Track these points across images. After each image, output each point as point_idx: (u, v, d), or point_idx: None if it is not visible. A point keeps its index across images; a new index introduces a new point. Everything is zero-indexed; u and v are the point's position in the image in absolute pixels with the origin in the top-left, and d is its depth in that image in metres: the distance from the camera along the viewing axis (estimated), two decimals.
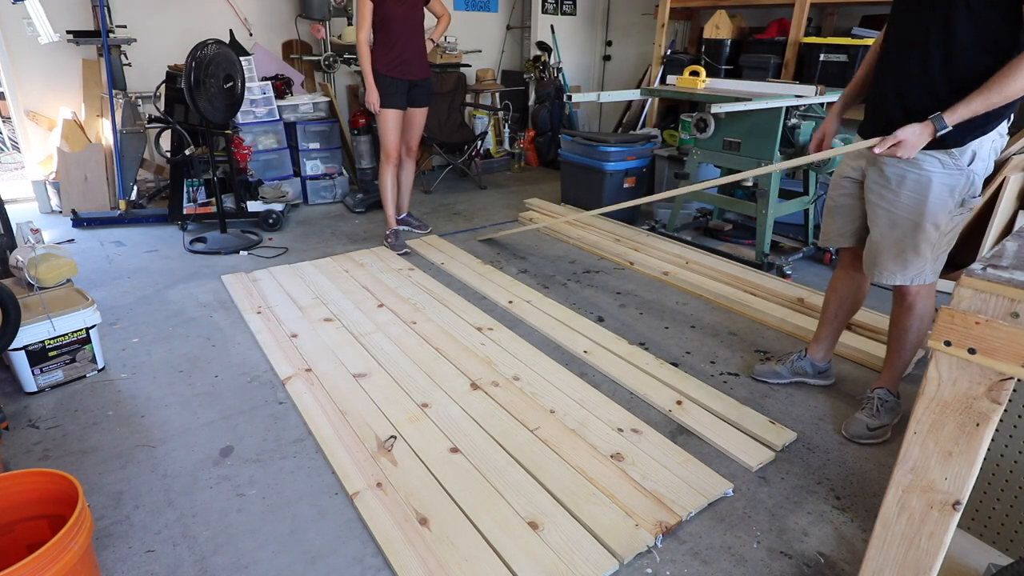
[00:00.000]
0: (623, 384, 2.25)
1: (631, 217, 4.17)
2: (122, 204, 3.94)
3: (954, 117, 1.59)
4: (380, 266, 3.32)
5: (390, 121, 3.39)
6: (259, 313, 2.73)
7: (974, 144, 1.67)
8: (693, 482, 1.73)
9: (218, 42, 3.28)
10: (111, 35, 3.88)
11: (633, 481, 1.73)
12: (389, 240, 3.63)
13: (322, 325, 2.64)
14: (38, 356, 2.12)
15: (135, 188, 4.14)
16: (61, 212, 4.05)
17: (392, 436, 1.92)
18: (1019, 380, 0.92)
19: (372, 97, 3.31)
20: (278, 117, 4.32)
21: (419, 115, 3.54)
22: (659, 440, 1.91)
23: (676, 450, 1.87)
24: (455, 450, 1.86)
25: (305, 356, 2.38)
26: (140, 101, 4.14)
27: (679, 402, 2.13)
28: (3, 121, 6.06)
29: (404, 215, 3.86)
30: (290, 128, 4.41)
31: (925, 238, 1.77)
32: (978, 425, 0.96)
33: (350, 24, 4.93)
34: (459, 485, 1.71)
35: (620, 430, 1.96)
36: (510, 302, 2.89)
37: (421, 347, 2.46)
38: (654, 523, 1.58)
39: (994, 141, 1.70)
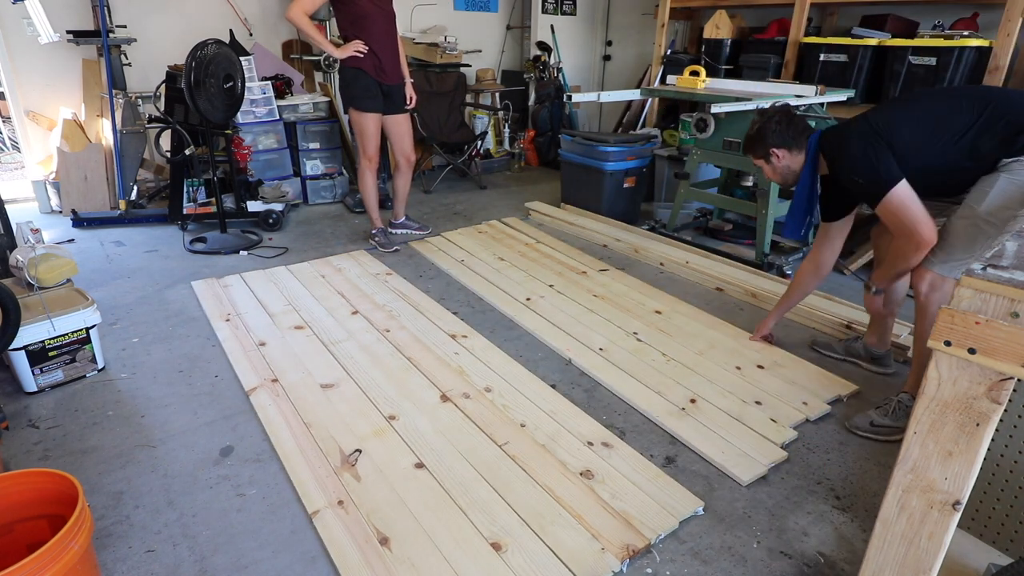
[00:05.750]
0: (616, 392, 2.22)
1: (631, 217, 4.17)
2: (122, 204, 3.95)
3: (884, 281, 2.14)
4: (358, 271, 3.25)
5: (370, 126, 3.31)
6: (227, 321, 2.66)
7: None
8: (664, 501, 1.67)
9: (218, 42, 3.28)
10: (111, 35, 3.88)
11: (602, 501, 1.67)
12: (377, 239, 3.59)
13: (292, 333, 2.57)
14: (38, 356, 2.12)
15: (135, 188, 4.14)
16: (61, 212, 4.05)
17: (357, 450, 1.87)
18: (1019, 380, 0.92)
19: (347, 48, 3.13)
20: (278, 117, 4.32)
21: (403, 122, 3.46)
22: (630, 454, 1.86)
23: (647, 465, 1.82)
24: (420, 465, 1.80)
25: (272, 366, 2.31)
26: (140, 101, 4.13)
27: (682, 408, 2.11)
28: (3, 121, 6.06)
29: (402, 219, 3.84)
30: (290, 128, 4.41)
31: (980, 232, 1.79)
32: (978, 425, 0.96)
33: None
34: (422, 503, 1.65)
35: (591, 444, 1.90)
36: (526, 299, 2.89)
37: (393, 356, 2.40)
38: (621, 546, 1.52)
39: None
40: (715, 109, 2.92)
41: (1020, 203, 1.72)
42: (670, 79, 3.75)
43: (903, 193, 1.81)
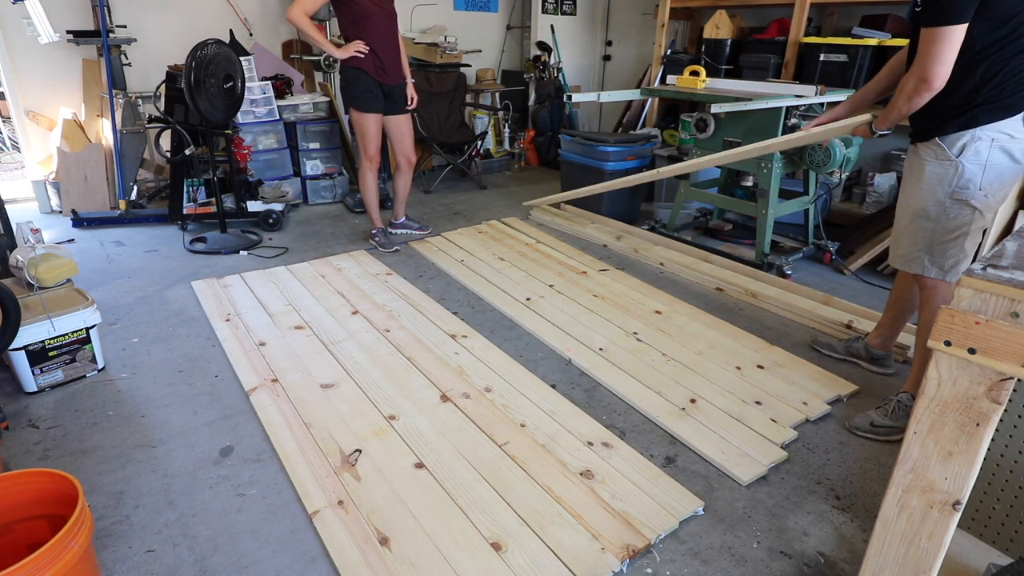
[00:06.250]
0: (616, 392, 2.22)
1: (631, 217, 4.17)
2: (122, 204, 3.95)
3: (883, 123, 1.96)
4: (358, 271, 3.25)
5: (371, 126, 3.31)
6: (227, 321, 2.66)
7: (966, 136, 1.75)
8: (664, 501, 1.67)
9: (218, 42, 3.28)
10: (111, 35, 3.88)
11: (602, 501, 1.67)
12: (377, 239, 3.59)
13: (292, 333, 2.57)
14: (38, 356, 2.12)
15: (135, 188, 4.14)
16: (61, 212, 4.05)
17: (357, 450, 1.87)
18: (1019, 380, 0.92)
19: (347, 48, 3.13)
20: (278, 117, 4.32)
21: (404, 122, 3.47)
22: (630, 454, 1.86)
23: (647, 465, 1.82)
24: (420, 465, 1.80)
25: (272, 366, 2.32)
26: (140, 101, 4.14)
27: (682, 408, 2.11)
28: (3, 121, 6.06)
29: (402, 219, 3.84)
30: (290, 128, 4.41)
31: (917, 226, 1.90)
32: (978, 425, 0.96)
33: None
34: (422, 503, 1.65)
35: (591, 444, 1.90)
36: (526, 299, 2.89)
37: (393, 356, 2.40)
38: (621, 546, 1.52)
39: (995, 139, 1.73)
40: (715, 109, 2.92)
41: (948, 195, 1.81)
42: (670, 79, 3.74)
43: (953, 34, 1.66)
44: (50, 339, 2.12)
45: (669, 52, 4.88)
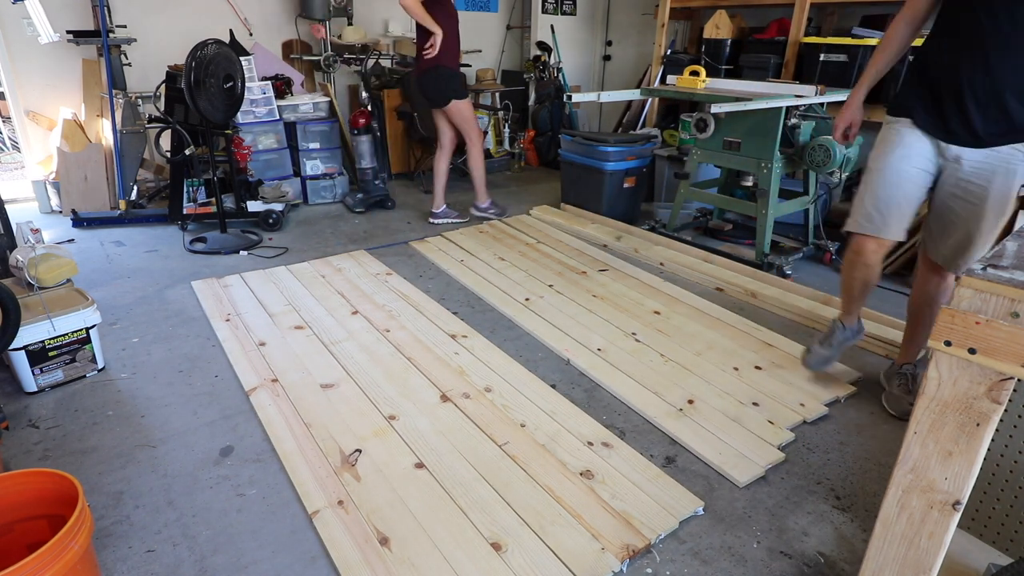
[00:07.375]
0: (615, 393, 2.22)
1: (631, 217, 4.17)
2: (122, 204, 3.95)
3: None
4: (358, 271, 3.25)
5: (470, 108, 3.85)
6: (227, 321, 2.67)
7: None
8: (664, 501, 1.67)
9: (218, 42, 3.28)
10: (111, 35, 3.88)
11: (602, 500, 1.67)
12: (492, 211, 4.11)
13: (292, 333, 2.57)
14: (38, 356, 2.12)
15: (135, 188, 4.14)
16: (61, 212, 4.05)
17: (357, 450, 1.87)
18: (1019, 380, 0.92)
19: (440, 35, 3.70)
20: (278, 117, 4.32)
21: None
22: (630, 454, 1.86)
23: (647, 465, 1.82)
24: (420, 465, 1.80)
25: (272, 366, 2.32)
26: (140, 101, 4.14)
27: (680, 409, 2.11)
28: (3, 121, 6.06)
29: (443, 208, 4.12)
30: (290, 128, 4.41)
31: (997, 227, 1.83)
32: (978, 425, 0.96)
33: (350, 24, 4.93)
34: (422, 503, 1.65)
35: (591, 444, 1.90)
36: (526, 299, 2.89)
37: (393, 356, 2.40)
38: (621, 547, 1.52)
39: None
40: (715, 109, 2.92)
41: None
42: (670, 79, 3.74)
43: None
44: (50, 339, 2.12)
45: (669, 52, 4.88)
